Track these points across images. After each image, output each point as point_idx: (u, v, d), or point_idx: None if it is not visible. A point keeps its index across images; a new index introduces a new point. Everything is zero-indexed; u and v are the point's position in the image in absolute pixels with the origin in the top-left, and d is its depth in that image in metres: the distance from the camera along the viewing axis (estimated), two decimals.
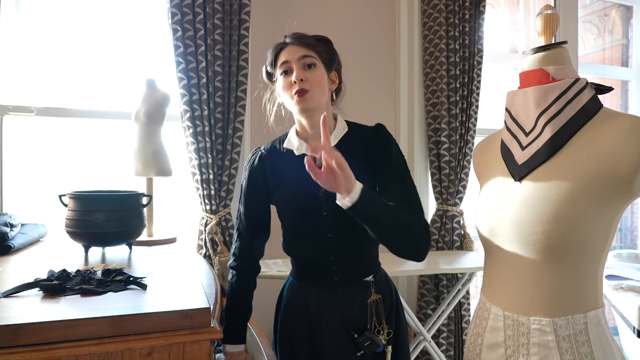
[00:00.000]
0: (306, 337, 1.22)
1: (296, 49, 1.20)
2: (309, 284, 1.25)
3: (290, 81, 1.17)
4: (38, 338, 0.82)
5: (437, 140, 2.48)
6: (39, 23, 2.07)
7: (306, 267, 1.26)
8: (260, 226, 1.30)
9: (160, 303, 0.95)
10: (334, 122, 1.26)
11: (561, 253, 0.94)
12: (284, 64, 1.19)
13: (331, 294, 1.21)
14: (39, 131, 2.07)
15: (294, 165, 1.21)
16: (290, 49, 1.20)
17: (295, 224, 1.25)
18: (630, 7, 3.47)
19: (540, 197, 0.97)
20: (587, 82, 1.00)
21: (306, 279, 1.26)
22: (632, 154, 0.88)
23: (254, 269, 1.32)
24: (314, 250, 1.22)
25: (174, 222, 2.23)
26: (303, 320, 1.23)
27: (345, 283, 1.21)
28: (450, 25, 2.44)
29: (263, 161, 1.28)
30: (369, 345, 1.17)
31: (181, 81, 1.98)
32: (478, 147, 1.25)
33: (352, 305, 1.21)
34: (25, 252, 1.52)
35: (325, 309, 1.21)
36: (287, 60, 1.19)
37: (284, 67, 1.19)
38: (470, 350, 1.14)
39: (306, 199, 1.19)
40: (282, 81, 1.19)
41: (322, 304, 1.21)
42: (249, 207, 1.29)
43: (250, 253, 1.29)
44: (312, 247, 1.22)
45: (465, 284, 2.31)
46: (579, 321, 0.95)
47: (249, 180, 1.29)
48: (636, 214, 3.55)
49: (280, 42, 1.24)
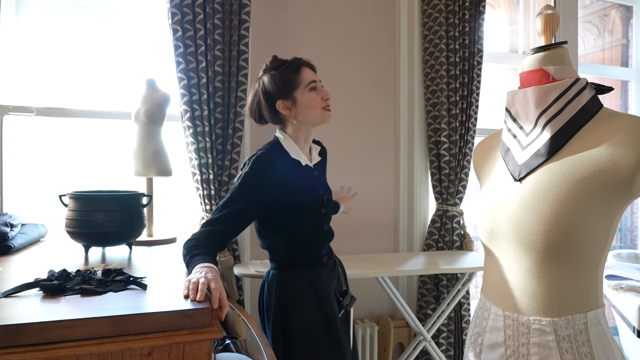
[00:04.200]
0: (317, 310, 1.42)
1: (315, 75, 1.45)
2: (307, 269, 1.45)
3: (320, 97, 1.42)
4: (38, 338, 0.82)
5: (437, 140, 2.48)
6: (40, 23, 2.07)
7: (307, 255, 1.46)
8: (234, 229, 1.34)
9: (160, 303, 0.96)
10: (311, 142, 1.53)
11: (561, 253, 0.94)
12: (314, 82, 1.42)
13: (325, 272, 1.49)
14: (39, 131, 2.07)
15: (301, 174, 1.43)
16: (312, 73, 1.44)
17: (304, 221, 1.43)
18: (630, 7, 3.47)
19: (540, 197, 0.97)
20: (587, 82, 1.00)
21: (303, 265, 1.45)
22: (632, 154, 0.88)
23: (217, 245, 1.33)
24: (316, 241, 1.47)
25: (174, 222, 2.23)
26: (312, 297, 1.43)
27: (328, 262, 1.52)
28: (450, 26, 2.44)
29: (275, 165, 1.37)
30: (350, 302, 1.53)
31: (181, 81, 1.98)
32: (478, 147, 1.25)
33: (335, 277, 1.53)
34: (25, 252, 1.52)
35: (325, 284, 1.46)
36: (315, 80, 1.43)
37: (314, 85, 1.41)
38: (470, 350, 1.14)
39: (314, 201, 1.45)
40: (312, 96, 1.41)
41: (322, 281, 1.45)
42: (244, 204, 1.32)
43: (219, 239, 1.31)
44: (316, 238, 1.47)
45: (465, 284, 2.31)
46: (579, 321, 0.95)
47: (256, 181, 1.33)
48: (636, 214, 3.55)
49: (292, 60, 1.43)
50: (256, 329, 1.49)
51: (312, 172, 1.48)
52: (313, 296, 1.44)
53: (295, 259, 1.46)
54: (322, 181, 1.53)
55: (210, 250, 1.24)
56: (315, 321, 1.42)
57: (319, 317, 1.43)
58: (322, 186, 1.51)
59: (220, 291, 0.99)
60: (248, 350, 1.55)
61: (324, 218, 1.48)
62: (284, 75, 1.41)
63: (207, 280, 1.02)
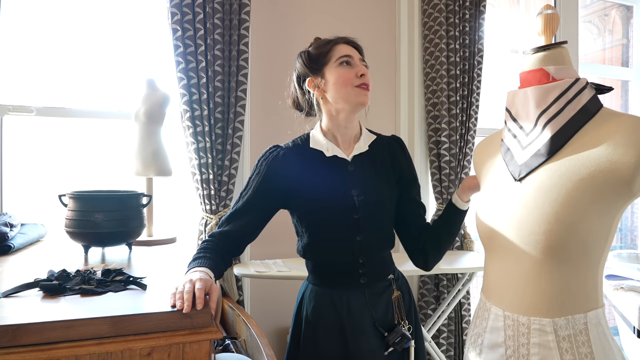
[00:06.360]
0: (335, 341, 1.19)
1: (354, 50, 1.21)
2: (334, 288, 1.21)
3: (354, 73, 1.17)
4: (38, 338, 0.82)
5: (437, 140, 2.48)
6: (40, 23, 2.07)
7: (332, 271, 1.22)
8: (250, 229, 1.21)
9: (160, 303, 0.95)
10: (360, 128, 1.28)
11: (561, 253, 0.94)
12: (345, 57, 1.18)
13: (359, 295, 1.20)
14: (39, 131, 2.07)
15: (325, 167, 1.20)
16: (349, 48, 1.21)
17: (323, 228, 1.20)
18: (630, 7, 3.47)
19: (540, 197, 0.96)
20: (587, 82, 1.00)
21: (331, 283, 1.22)
22: (632, 154, 0.88)
23: (231, 251, 1.20)
24: (342, 254, 1.20)
25: (174, 222, 2.23)
26: (332, 326, 1.19)
27: (371, 284, 1.21)
28: (450, 25, 2.44)
29: (287, 161, 1.21)
30: (400, 341, 1.18)
31: (181, 81, 1.97)
32: (478, 147, 1.25)
33: (379, 304, 1.21)
34: (25, 252, 1.52)
35: (355, 311, 1.19)
36: (349, 54, 1.19)
37: (345, 59, 1.18)
38: (470, 350, 1.14)
39: (339, 201, 1.18)
40: (343, 71, 1.17)
41: (351, 307, 1.19)
42: (255, 201, 1.20)
43: (232, 242, 1.20)
44: (341, 250, 1.19)
45: (466, 284, 2.31)
46: (579, 321, 0.95)
47: (267, 176, 1.20)
48: (636, 214, 3.55)
49: (331, 38, 1.23)
50: (256, 329, 1.49)
51: (346, 167, 1.21)
52: (334, 324, 1.19)
53: (321, 274, 1.23)
54: (362, 179, 1.21)
55: (212, 253, 1.12)
56: (331, 353, 1.18)
57: (336, 351, 1.18)
58: (359, 184, 1.20)
59: (208, 292, 0.94)
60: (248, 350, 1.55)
61: (356, 226, 1.18)
62: (315, 51, 1.22)
63: (192, 285, 0.93)
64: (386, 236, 1.25)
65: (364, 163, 1.23)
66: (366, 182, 1.21)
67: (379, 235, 1.22)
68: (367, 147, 1.24)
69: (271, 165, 1.21)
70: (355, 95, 1.17)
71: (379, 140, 1.28)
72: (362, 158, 1.23)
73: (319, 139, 1.23)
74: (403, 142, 1.33)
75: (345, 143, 1.24)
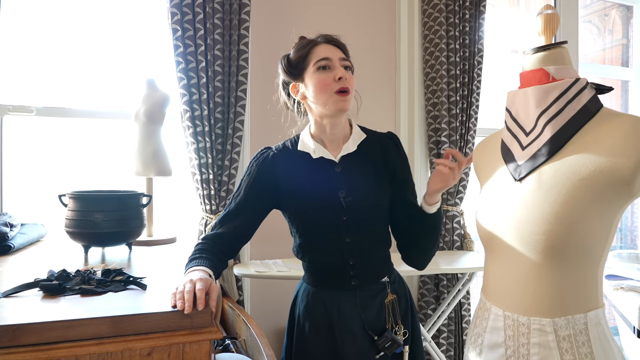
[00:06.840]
0: (325, 342, 1.19)
1: (334, 50, 1.18)
2: (325, 289, 1.22)
3: (332, 77, 1.14)
4: (38, 338, 0.82)
5: (437, 140, 2.48)
6: (40, 23, 2.07)
7: (323, 272, 1.22)
8: (243, 230, 1.21)
9: (160, 303, 0.95)
10: (350, 127, 1.26)
11: (561, 253, 0.94)
12: (324, 60, 1.15)
13: (349, 297, 1.20)
14: (39, 131, 2.07)
15: (311, 169, 1.20)
16: (329, 48, 1.18)
17: (312, 229, 1.20)
18: (630, 7, 3.47)
19: (540, 197, 0.96)
20: (587, 82, 1.00)
21: (322, 283, 1.23)
22: (632, 154, 0.88)
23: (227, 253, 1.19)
24: (332, 256, 1.19)
25: (174, 222, 2.23)
26: (322, 326, 1.20)
27: (363, 286, 1.20)
28: (450, 25, 2.44)
29: (276, 162, 1.22)
30: (390, 346, 1.17)
31: (181, 81, 1.97)
32: (478, 147, 1.25)
33: (371, 307, 1.20)
34: (25, 252, 1.52)
35: (345, 313, 1.19)
36: (328, 57, 1.15)
37: (323, 63, 1.15)
38: (470, 350, 1.14)
39: (326, 203, 1.17)
40: (321, 77, 1.14)
41: (341, 308, 1.19)
42: (246, 202, 1.21)
43: (226, 243, 1.19)
44: (330, 252, 1.19)
45: (466, 284, 2.31)
46: (579, 321, 0.95)
47: (257, 176, 1.22)
48: (636, 214, 3.55)
49: (311, 39, 1.21)
50: (256, 329, 1.49)
51: (333, 168, 1.20)
52: (323, 324, 1.19)
53: (313, 274, 1.24)
54: (350, 180, 1.19)
55: (209, 253, 1.12)
56: (319, 352, 1.19)
57: (324, 350, 1.18)
58: (346, 185, 1.18)
59: (208, 292, 0.93)
60: (248, 350, 1.55)
61: (345, 227, 1.17)
62: (294, 55, 1.20)
63: (192, 285, 0.93)
64: (379, 237, 1.23)
65: (353, 163, 1.21)
66: (354, 183, 1.19)
67: (370, 237, 1.21)
68: (355, 147, 1.22)
69: (261, 166, 1.23)
70: (334, 102, 1.14)
71: (370, 138, 1.25)
72: (350, 158, 1.21)
73: (306, 141, 1.22)
74: (398, 139, 1.29)
75: (334, 144, 1.22)
